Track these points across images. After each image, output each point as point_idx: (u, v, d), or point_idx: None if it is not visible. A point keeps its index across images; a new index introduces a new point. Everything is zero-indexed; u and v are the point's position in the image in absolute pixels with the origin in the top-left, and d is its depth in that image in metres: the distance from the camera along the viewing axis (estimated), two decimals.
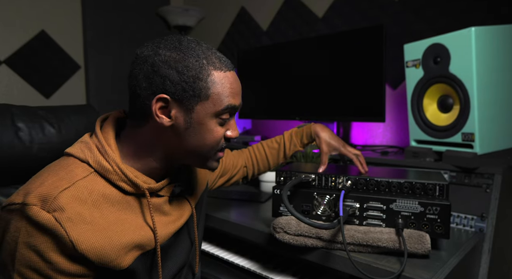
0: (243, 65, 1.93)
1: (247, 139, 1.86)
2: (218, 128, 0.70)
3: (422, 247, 0.80)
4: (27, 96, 2.05)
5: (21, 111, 0.86)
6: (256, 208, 1.24)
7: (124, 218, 0.66)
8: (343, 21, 1.80)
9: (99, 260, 0.60)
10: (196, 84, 0.65)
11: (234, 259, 1.11)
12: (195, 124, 0.68)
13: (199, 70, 0.66)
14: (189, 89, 0.65)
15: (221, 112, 0.69)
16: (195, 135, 0.69)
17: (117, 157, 0.67)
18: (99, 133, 0.69)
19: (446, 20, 1.47)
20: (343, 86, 1.56)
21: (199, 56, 0.66)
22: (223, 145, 0.74)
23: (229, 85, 0.69)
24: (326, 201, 0.91)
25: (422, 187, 0.87)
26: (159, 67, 0.65)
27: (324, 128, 1.08)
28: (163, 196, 0.74)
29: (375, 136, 1.72)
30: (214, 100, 0.67)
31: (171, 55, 0.65)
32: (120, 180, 0.66)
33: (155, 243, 0.69)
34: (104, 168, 0.65)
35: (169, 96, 0.65)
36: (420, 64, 1.21)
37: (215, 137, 0.70)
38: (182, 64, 0.65)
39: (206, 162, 0.74)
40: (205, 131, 0.69)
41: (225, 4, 2.36)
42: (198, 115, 0.67)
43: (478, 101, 1.06)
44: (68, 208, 0.59)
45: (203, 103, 0.67)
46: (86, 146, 0.68)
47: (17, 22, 1.97)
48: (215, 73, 0.67)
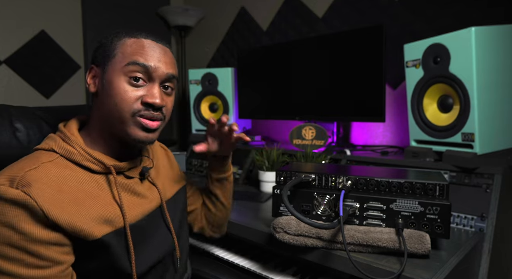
0: (243, 65, 1.93)
1: None
2: (127, 87, 0.71)
3: (422, 247, 0.80)
4: (27, 96, 2.05)
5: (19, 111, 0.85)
6: (256, 208, 1.24)
7: (92, 194, 0.69)
8: (343, 21, 1.80)
9: (69, 228, 0.62)
10: (108, 47, 0.74)
11: (234, 259, 1.11)
12: (106, 83, 0.72)
13: (115, 37, 0.75)
14: (102, 52, 0.74)
15: (127, 69, 0.71)
16: (108, 95, 0.72)
17: (80, 141, 0.72)
18: (61, 127, 0.75)
19: (446, 20, 1.47)
20: (343, 86, 1.55)
21: (125, 30, 0.76)
22: (140, 110, 0.71)
23: (139, 48, 0.73)
24: (326, 201, 0.91)
25: (422, 187, 0.87)
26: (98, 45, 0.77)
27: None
28: (133, 178, 0.78)
29: (375, 136, 1.72)
30: (120, 57, 0.72)
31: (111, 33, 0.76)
32: (86, 160, 0.70)
33: (124, 220, 0.71)
34: (69, 151, 0.70)
35: (94, 65, 0.76)
36: (420, 64, 1.21)
37: (124, 97, 0.71)
38: (106, 38, 0.76)
39: (126, 129, 0.72)
40: (114, 89, 0.71)
41: (225, 4, 2.36)
42: (108, 74, 0.72)
43: (478, 101, 1.06)
44: (35, 184, 0.61)
45: (112, 62, 0.73)
46: (50, 139, 0.73)
47: (17, 22, 1.97)
48: (128, 39, 0.74)
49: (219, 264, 1.14)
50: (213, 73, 1.95)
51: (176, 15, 2.35)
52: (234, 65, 2.28)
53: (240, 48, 2.27)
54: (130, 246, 0.70)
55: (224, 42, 2.40)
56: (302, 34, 1.98)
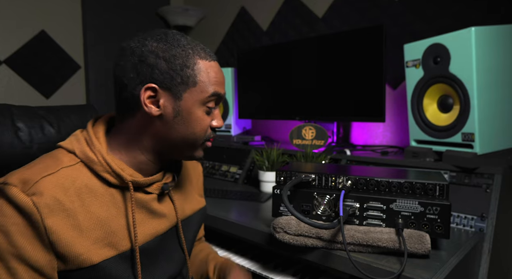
0: (243, 65, 1.93)
1: (247, 139, 1.86)
2: (205, 116, 0.71)
3: (422, 247, 0.80)
4: (27, 96, 2.05)
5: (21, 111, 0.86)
6: (256, 208, 1.24)
7: (104, 211, 0.66)
8: (343, 21, 1.80)
9: (67, 253, 0.60)
10: (183, 71, 0.67)
11: (234, 259, 1.11)
12: (183, 112, 0.69)
13: (186, 58, 0.67)
14: (177, 76, 0.66)
15: (208, 99, 0.70)
16: (183, 123, 0.69)
17: (103, 148, 0.68)
18: (89, 127, 0.71)
19: (446, 20, 1.47)
20: (343, 86, 1.55)
21: (185, 46, 0.68)
22: (210, 135, 0.74)
23: (214, 74, 0.71)
24: (326, 201, 0.91)
25: (422, 187, 0.87)
26: (147, 57, 0.66)
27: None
28: (151, 193, 0.73)
29: (375, 136, 1.72)
30: (201, 87, 0.69)
31: (158, 45, 0.67)
32: (104, 171, 0.66)
33: (131, 242, 0.67)
34: (89, 159, 0.66)
35: (157, 85, 0.66)
36: (420, 64, 1.21)
37: (202, 126, 0.71)
38: (169, 54, 0.66)
39: (193, 152, 0.74)
40: (193, 119, 0.70)
41: (225, 4, 2.36)
42: (186, 103, 0.68)
43: (478, 101, 1.06)
44: (48, 194, 0.59)
45: (191, 91, 0.68)
46: (75, 138, 0.69)
47: (17, 22, 1.97)
48: (201, 62, 0.69)
49: None
50: None
51: (176, 15, 2.35)
52: (234, 65, 2.28)
53: (240, 48, 2.27)
54: (138, 271, 0.67)
55: (224, 42, 2.40)
56: (302, 34, 1.98)
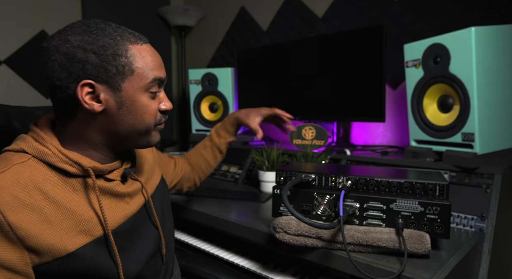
0: (243, 65, 1.93)
1: (247, 139, 1.86)
2: (151, 102, 0.70)
3: (422, 247, 0.80)
4: (27, 96, 2.05)
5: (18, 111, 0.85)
6: (256, 208, 1.24)
7: (69, 201, 0.64)
8: (343, 21, 1.80)
9: (38, 244, 0.58)
10: (117, 61, 0.64)
11: (234, 259, 1.11)
12: (127, 103, 0.67)
13: (116, 46, 0.64)
14: (111, 67, 0.64)
15: (150, 85, 0.68)
16: (130, 113, 0.67)
17: (56, 141, 0.66)
18: (33, 126, 0.68)
19: (446, 20, 1.47)
20: (343, 86, 1.55)
21: (112, 33, 0.65)
22: (161, 119, 0.73)
23: (150, 57, 0.69)
24: (326, 201, 0.91)
25: (422, 187, 0.87)
26: (74, 53, 0.62)
27: (240, 110, 1.17)
28: (114, 180, 0.72)
29: (375, 136, 1.72)
30: (140, 74, 0.67)
31: (82, 38, 0.63)
32: (61, 162, 0.64)
33: (103, 227, 0.67)
34: (42, 152, 0.64)
35: (93, 80, 0.63)
36: (420, 64, 1.21)
37: (150, 112, 0.70)
38: (97, 45, 0.63)
39: (148, 139, 0.73)
40: (139, 107, 0.68)
41: (225, 4, 2.36)
42: (127, 92, 0.66)
43: (478, 101, 1.06)
44: (4, 192, 0.57)
45: (129, 80, 0.66)
46: (20, 140, 0.67)
47: (17, 22, 1.97)
48: (133, 47, 0.66)
49: (219, 264, 1.14)
50: (213, 73, 1.95)
51: (176, 15, 2.35)
52: (234, 65, 2.28)
53: (240, 48, 2.27)
54: (116, 254, 0.66)
55: (224, 42, 2.40)
56: (302, 34, 1.98)
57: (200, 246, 1.22)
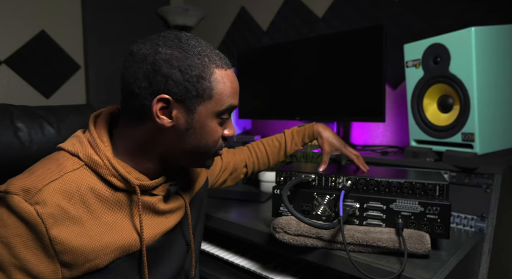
0: (243, 65, 1.93)
1: (247, 139, 1.86)
2: (218, 128, 0.69)
3: (422, 247, 0.80)
4: (27, 96, 2.05)
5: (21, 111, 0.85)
6: (256, 208, 1.24)
7: (111, 215, 0.64)
8: (343, 21, 1.80)
9: (75, 261, 0.58)
10: (200, 84, 0.63)
11: (234, 259, 1.11)
12: (196, 125, 0.66)
13: (202, 69, 0.63)
14: (193, 89, 0.63)
15: (223, 112, 0.68)
16: (196, 135, 0.67)
17: (109, 151, 0.65)
18: (92, 128, 0.67)
19: (446, 20, 1.47)
20: (343, 86, 1.55)
21: (201, 54, 0.64)
22: (222, 145, 0.73)
23: (230, 84, 0.67)
24: (326, 201, 0.91)
25: (422, 187, 0.87)
26: (161, 66, 0.61)
27: (326, 127, 1.10)
28: (157, 195, 0.72)
29: (375, 136, 1.72)
30: (217, 100, 0.66)
31: (172, 53, 0.62)
32: (111, 175, 0.64)
33: (141, 245, 0.67)
34: (94, 162, 0.63)
35: (171, 97, 0.62)
36: (420, 64, 1.21)
37: (215, 137, 0.69)
38: (185, 63, 0.62)
39: (203, 162, 0.73)
40: (206, 131, 0.67)
41: (225, 4, 2.36)
42: (200, 116, 0.65)
43: (478, 101, 1.06)
44: (52, 202, 0.57)
45: (206, 104, 0.65)
46: (77, 140, 0.66)
47: (17, 22, 1.97)
48: (217, 72, 0.65)
49: (219, 264, 1.14)
50: None
51: (176, 15, 2.35)
52: (234, 65, 2.28)
53: (240, 48, 2.27)
54: (145, 270, 0.67)
55: (224, 42, 2.40)
56: (302, 34, 1.98)
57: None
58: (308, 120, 1.67)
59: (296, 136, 1.12)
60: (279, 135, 1.15)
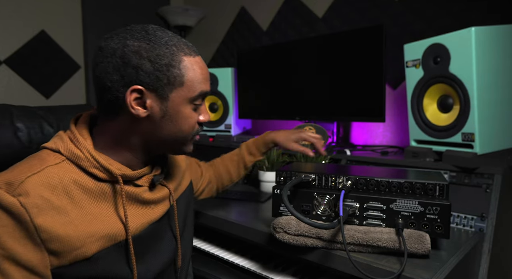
0: (243, 65, 1.93)
1: (247, 139, 1.85)
2: (192, 114, 0.72)
3: (422, 247, 0.80)
4: (27, 96, 2.05)
5: (20, 111, 0.86)
6: (256, 208, 1.24)
7: (96, 206, 0.66)
8: (343, 21, 1.80)
9: (61, 248, 0.60)
10: (170, 72, 0.66)
11: (234, 259, 1.11)
12: (170, 112, 0.68)
13: (171, 57, 0.66)
14: (164, 77, 0.65)
15: (195, 98, 0.70)
16: (171, 122, 0.69)
17: (89, 145, 0.67)
18: (72, 126, 0.70)
19: (446, 20, 1.47)
20: (343, 86, 1.55)
21: (168, 43, 0.66)
22: (198, 130, 0.75)
23: (200, 70, 0.70)
24: (326, 201, 0.91)
25: (422, 187, 0.87)
26: (130, 58, 0.64)
27: (277, 131, 1.12)
28: (142, 186, 0.73)
29: (375, 136, 1.72)
30: (188, 86, 0.68)
31: (140, 45, 0.64)
32: (92, 167, 0.66)
33: (126, 233, 0.68)
34: (75, 155, 0.65)
35: (143, 87, 0.65)
36: (420, 64, 1.21)
37: (190, 123, 0.72)
38: (153, 53, 0.64)
39: (182, 148, 0.75)
40: (181, 118, 0.70)
41: (225, 4, 2.36)
42: (173, 103, 0.68)
43: (478, 101, 1.06)
44: (34, 193, 0.58)
45: (178, 91, 0.68)
46: (58, 138, 0.69)
47: (17, 22, 1.97)
48: (186, 59, 0.68)
49: (219, 264, 1.14)
50: (213, 73, 1.95)
51: (176, 15, 2.35)
52: (234, 65, 2.28)
53: (240, 48, 2.27)
54: (133, 259, 0.68)
55: (224, 42, 2.40)
56: (302, 34, 1.98)
57: (200, 246, 1.22)
58: (308, 120, 1.67)
59: (252, 147, 1.15)
60: (237, 149, 1.18)
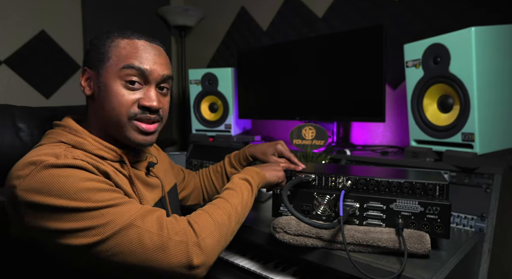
0: (243, 65, 1.93)
1: (247, 139, 1.86)
2: (124, 91, 0.72)
3: (422, 247, 0.80)
4: (27, 96, 2.05)
5: (22, 111, 0.86)
6: (256, 208, 1.24)
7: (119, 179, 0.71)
8: (343, 21, 1.80)
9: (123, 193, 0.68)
10: (100, 49, 0.73)
11: (234, 259, 1.11)
12: (102, 87, 0.72)
13: (107, 39, 0.74)
14: (96, 54, 0.73)
15: (123, 72, 0.71)
16: (105, 99, 0.72)
17: (86, 131, 0.73)
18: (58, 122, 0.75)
19: (446, 20, 1.47)
20: (343, 86, 1.55)
21: (114, 31, 0.75)
22: (136, 113, 0.73)
23: (134, 50, 0.73)
24: (326, 201, 0.91)
25: (422, 187, 0.87)
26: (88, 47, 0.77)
27: (256, 145, 1.14)
28: (140, 170, 0.80)
29: (375, 136, 1.72)
30: (115, 60, 0.72)
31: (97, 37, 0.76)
32: (98, 149, 0.71)
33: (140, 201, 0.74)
34: (79, 142, 0.70)
35: (87, 67, 0.75)
36: (420, 64, 1.21)
37: (121, 101, 0.71)
38: (97, 39, 0.75)
39: (125, 132, 0.74)
40: (110, 93, 0.71)
41: (225, 4, 2.36)
42: (104, 78, 0.72)
43: (478, 101, 1.06)
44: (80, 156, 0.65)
45: (106, 66, 0.72)
46: (52, 133, 0.72)
47: (17, 22, 1.97)
48: (121, 40, 0.74)
49: (219, 263, 1.14)
50: (213, 73, 1.95)
51: (176, 15, 2.35)
52: (234, 65, 2.28)
53: (240, 48, 2.27)
54: None
55: (224, 42, 2.40)
56: (302, 34, 1.98)
57: None
58: (308, 120, 1.67)
59: (233, 160, 1.16)
60: (222, 161, 1.20)
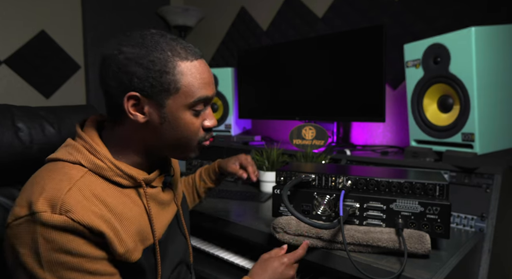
0: (243, 65, 1.93)
1: (247, 139, 1.86)
2: (194, 120, 0.70)
3: (422, 247, 0.80)
4: (27, 96, 2.05)
5: (21, 111, 0.85)
6: (256, 208, 1.24)
7: (128, 210, 0.67)
8: (343, 21, 1.80)
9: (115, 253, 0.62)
10: (163, 78, 0.64)
11: (234, 259, 1.11)
12: (169, 118, 0.67)
13: (165, 63, 0.64)
14: (157, 84, 0.64)
15: (194, 104, 0.68)
16: (172, 129, 0.68)
17: (108, 154, 0.67)
18: (83, 134, 0.68)
19: (446, 20, 1.47)
20: (343, 86, 1.55)
21: (163, 48, 0.65)
22: (205, 136, 0.74)
23: (199, 75, 0.67)
24: (326, 201, 0.91)
25: (422, 187, 0.87)
26: (125, 65, 0.63)
27: (223, 160, 1.12)
28: (157, 187, 0.75)
29: (375, 136, 1.72)
30: (185, 92, 0.66)
31: (134, 51, 0.64)
32: (116, 176, 0.66)
33: (153, 236, 0.70)
34: (98, 166, 0.65)
35: (139, 93, 0.64)
36: (420, 64, 1.21)
37: (192, 129, 0.70)
38: (147, 59, 0.63)
39: (188, 153, 0.74)
40: (181, 124, 0.69)
41: (225, 4, 2.36)
42: (171, 109, 0.67)
43: (478, 101, 1.06)
44: (77, 207, 0.58)
45: (175, 97, 0.66)
46: (73, 148, 0.67)
47: (17, 22, 1.97)
48: (182, 64, 0.65)
49: (219, 264, 1.14)
50: (213, 73, 1.95)
51: (176, 15, 2.35)
52: (234, 65, 2.28)
53: (240, 48, 2.27)
54: (159, 263, 0.70)
55: (224, 42, 2.40)
56: (302, 34, 1.98)
57: (199, 246, 1.22)
58: (308, 120, 1.67)
59: (204, 174, 1.14)
60: (193, 174, 1.17)
